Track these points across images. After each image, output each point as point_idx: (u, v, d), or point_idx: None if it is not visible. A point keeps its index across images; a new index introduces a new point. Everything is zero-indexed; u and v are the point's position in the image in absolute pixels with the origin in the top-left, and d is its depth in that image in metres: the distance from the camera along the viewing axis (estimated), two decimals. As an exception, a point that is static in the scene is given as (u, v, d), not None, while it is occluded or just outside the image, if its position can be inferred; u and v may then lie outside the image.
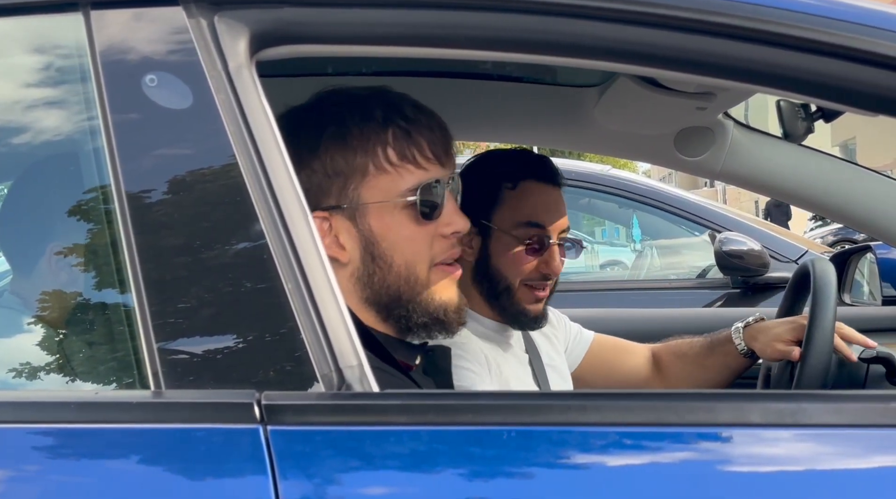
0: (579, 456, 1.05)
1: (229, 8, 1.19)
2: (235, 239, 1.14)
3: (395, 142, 1.43)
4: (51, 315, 1.32)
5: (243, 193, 1.13)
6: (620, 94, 2.16)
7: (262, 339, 1.12)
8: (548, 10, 1.18)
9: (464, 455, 1.05)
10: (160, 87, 1.16)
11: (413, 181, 1.42)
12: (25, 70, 1.25)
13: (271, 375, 1.11)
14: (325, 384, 1.09)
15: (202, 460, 1.05)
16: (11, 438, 1.09)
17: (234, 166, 1.14)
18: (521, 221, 2.00)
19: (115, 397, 1.14)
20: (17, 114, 1.28)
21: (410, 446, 1.06)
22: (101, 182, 1.16)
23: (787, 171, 2.29)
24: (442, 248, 1.45)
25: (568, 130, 2.50)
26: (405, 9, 1.20)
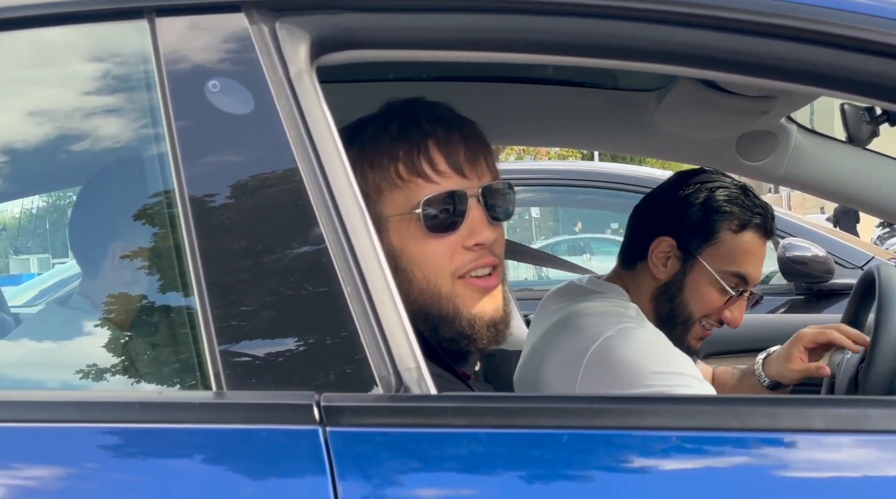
0: (638, 460, 1.05)
1: (290, 14, 1.20)
2: (295, 242, 1.15)
3: (405, 156, 1.43)
4: (116, 317, 1.35)
5: (303, 197, 1.14)
6: (681, 98, 2.14)
7: (322, 341, 1.13)
8: (611, 13, 1.17)
9: (522, 458, 1.05)
10: (222, 93, 1.18)
11: (423, 195, 1.42)
12: (92, 77, 1.28)
13: (330, 377, 1.12)
14: (383, 386, 1.10)
15: (262, 461, 1.06)
16: (78, 436, 1.11)
17: (294, 171, 1.15)
18: (733, 270, 1.96)
19: (178, 398, 1.16)
20: (84, 120, 1.31)
21: (468, 448, 1.07)
22: (165, 186, 1.18)
23: (851, 175, 2.26)
24: (464, 260, 1.42)
25: (627, 134, 2.49)
26: (466, 13, 1.21)
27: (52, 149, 1.38)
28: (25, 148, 1.38)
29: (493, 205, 1.45)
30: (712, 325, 2.00)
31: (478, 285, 1.43)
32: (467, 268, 1.43)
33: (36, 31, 1.25)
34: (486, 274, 1.44)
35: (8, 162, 1.45)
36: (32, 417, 1.13)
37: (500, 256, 1.47)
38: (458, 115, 1.50)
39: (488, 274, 1.44)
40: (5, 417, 1.13)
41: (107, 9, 1.22)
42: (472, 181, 1.44)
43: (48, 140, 1.36)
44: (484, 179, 1.46)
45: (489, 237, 1.42)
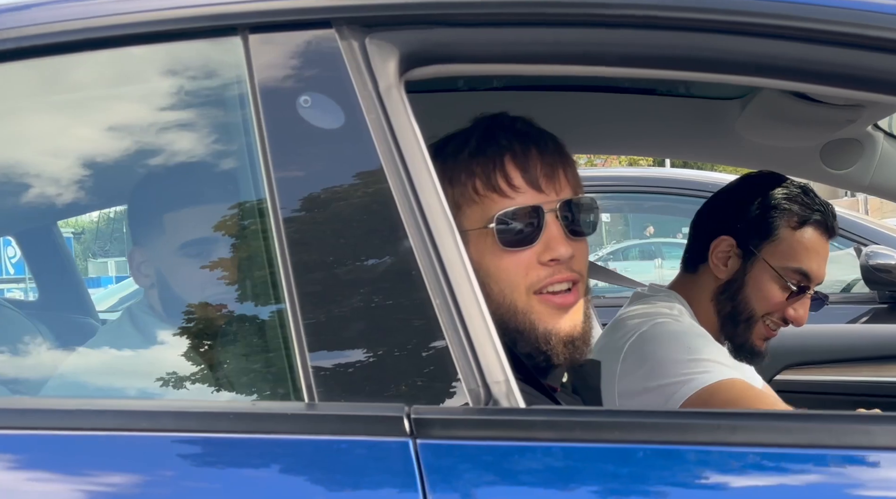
0: (730, 477, 1.04)
1: (380, 29, 1.22)
2: (385, 255, 1.16)
3: (481, 172, 1.44)
4: (208, 327, 1.37)
5: (392, 209, 1.16)
6: (764, 107, 2.11)
7: (411, 353, 1.14)
8: (704, 26, 1.17)
9: (610, 473, 1.05)
10: (313, 108, 1.19)
11: (497, 209, 1.42)
12: (187, 93, 1.31)
13: (419, 388, 1.13)
14: (472, 399, 1.10)
15: (352, 472, 1.07)
16: (172, 446, 1.14)
17: (383, 184, 1.16)
18: (794, 267, 1.98)
19: (270, 409, 1.18)
20: (179, 135, 1.33)
21: (557, 462, 1.07)
22: (258, 199, 1.21)
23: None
24: (540, 275, 1.42)
25: (707, 142, 2.47)
26: (555, 27, 1.21)
27: (147, 163, 1.42)
28: (122, 161, 1.42)
29: (572, 219, 1.45)
30: (776, 324, 2.00)
31: (554, 302, 1.43)
32: (542, 283, 1.42)
33: (132, 49, 1.28)
34: (563, 290, 1.43)
35: (105, 174, 1.48)
36: (125, 426, 1.15)
37: (579, 272, 1.45)
38: (538, 129, 1.50)
39: (566, 290, 1.43)
40: (99, 425, 1.15)
41: (202, 27, 1.24)
42: (549, 196, 1.44)
43: (143, 154, 1.40)
44: (562, 193, 1.45)
45: (565, 253, 1.41)
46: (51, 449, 1.13)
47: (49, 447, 1.14)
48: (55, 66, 1.31)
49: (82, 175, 1.47)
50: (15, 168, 1.52)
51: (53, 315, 2.50)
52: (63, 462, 1.13)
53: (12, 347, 1.77)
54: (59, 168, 1.46)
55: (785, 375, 3.07)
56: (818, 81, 1.22)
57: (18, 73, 1.32)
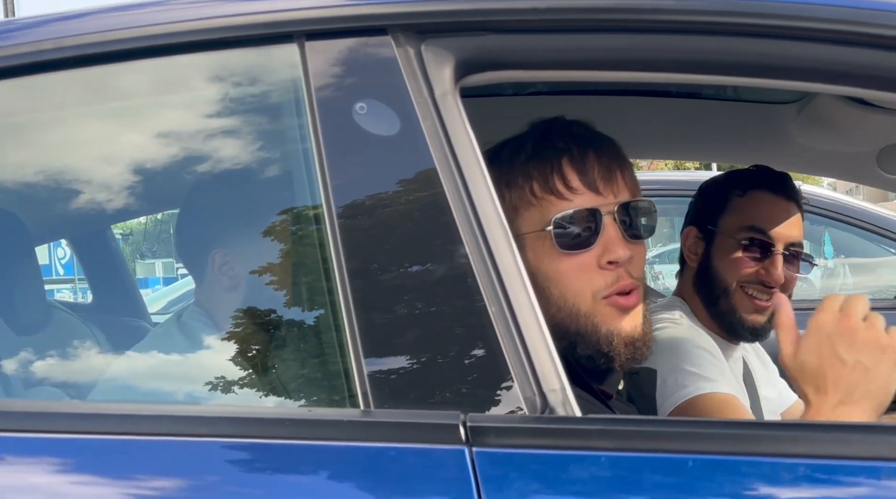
0: (796, 490, 1.02)
1: (435, 36, 1.22)
2: (440, 261, 1.16)
3: (539, 175, 1.44)
4: (262, 333, 1.38)
5: (448, 216, 1.16)
6: (822, 112, 2.09)
7: (466, 360, 1.14)
8: (760, 32, 1.16)
9: (665, 484, 1.04)
10: (369, 115, 1.20)
11: (555, 212, 1.42)
12: (245, 99, 1.32)
13: (475, 396, 1.12)
14: (528, 407, 1.10)
15: (408, 480, 1.07)
16: (229, 451, 1.14)
17: (439, 191, 1.16)
18: (744, 225, 2.03)
19: (326, 415, 1.18)
20: (236, 140, 1.34)
21: (614, 471, 1.06)
22: (314, 205, 1.21)
23: None
24: (606, 280, 1.41)
25: (762, 147, 2.44)
26: (612, 34, 1.20)
27: (206, 169, 1.43)
28: (181, 167, 1.43)
29: (630, 222, 1.44)
30: (759, 291, 2.01)
31: (618, 304, 1.42)
32: (608, 291, 1.41)
33: (189, 57, 1.29)
34: (626, 292, 1.43)
35: (164, 179, 1.50)
36: (182, 431, 1.16)
37: (637, 276, 1.45)
38: (595, 131, 1.49)
39: (627, 293, 1.43)
40: (155, 430, 1.16)
41: (259, 34, 1.25)
42: (606, 198, 1.43)
43: (202, 160, 1.41)
44: (620, 195, 1.44)
45: (623, 255, 1.41)
46: (112, 453, 1.14)
47: (110, 451, 1.15)
48: (112, 74, 1.32)
49: (141, 180, 1.49)
50: (71, 173, 1.54)
51: (107, 318, 2.53)
52: (121, 467, 1.13)
53: (65, 349, 1.80)
54: (117, 172, 1.48)
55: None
56: (884, 88, 1.20)
57: (83, 81, 1.33)
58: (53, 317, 2.03)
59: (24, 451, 1.16)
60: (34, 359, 1.78)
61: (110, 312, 2.61)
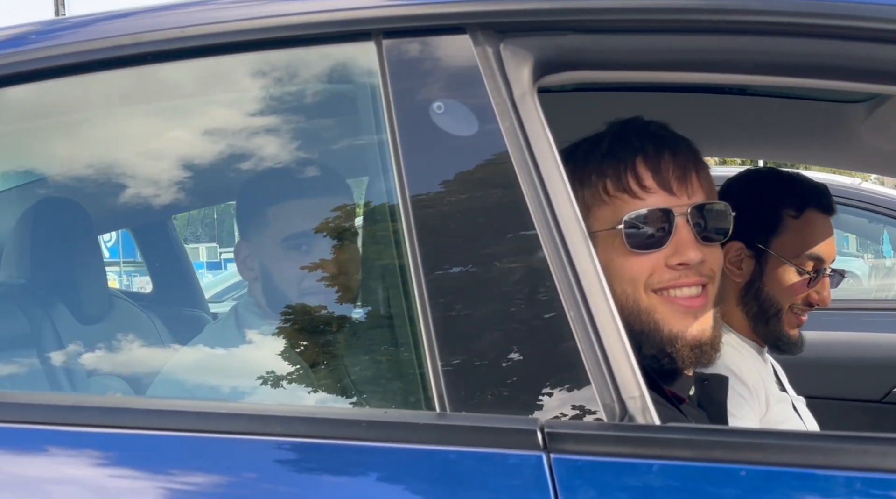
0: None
1: (514, 35, 1.20)
2: (518, 264, 1.15)
3: (613, 173, 1.42)
4: (337, 332, 1.38)
5: (526, 218, 1.14)
6: (892, 112, 2.05)
7: (544, 365, 1.13)
8: (842, 34, 1.13)
9: (749, 496, 1.02)
10: (447, 114, 1.19)
11: (627, 211, 1.40)
12: (322, 95, 1.31)
13: (552, 402, 1.11)
14: (606, 414, 1.09)
15: (484, 486, 1.06)
16: (302, 450, 1.14)
17: (517, 192, 1.15)
18: (804, 252, 1.99)
19: (401, 417, 1.17)
20: (315, 136, 1.34)
21: (694, 482, 1.04)
22: (390, 204, 1.20)
23: None
24: (663, 277, 1.39)
25: (830, 147, 2.41)
26: (689, 35, 1.18)
27: (283, 163, 1.43)
28: (258, 161, 1.43)
29: (703, 224, 1.42)
30: (803, 310, 2.02)
31: (678, 303, 1.40)
32: (664, 284, 1.39)
33: (267, 54, 1.29)
34: (692, 294, 1.41)
35: (234, 171, 1.50)
36: (255, 429, 1.16)
37: (709, 276, 1.42)
38: (671, 132, 1.47)
39: (696, 294, 1.41)
40: (231, 428, 1.16)
41: (336, 31, 1.24)
42: (680, 199, 1.41)
43: (279, 154, 1.41)
44: (695, 197, 1.42)
45: (694, 258, 1.38)
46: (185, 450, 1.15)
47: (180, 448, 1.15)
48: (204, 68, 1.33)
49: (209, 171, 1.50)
50: (135, 167, 1.55)
51: (167, 308, 2.55)
52: (195, 465, 1.14)
53: (126, 340, 1.81)
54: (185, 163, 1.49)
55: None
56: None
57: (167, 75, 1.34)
58: (115, 307, 2.05)
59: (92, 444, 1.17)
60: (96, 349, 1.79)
61: (170, 303, 2.63)
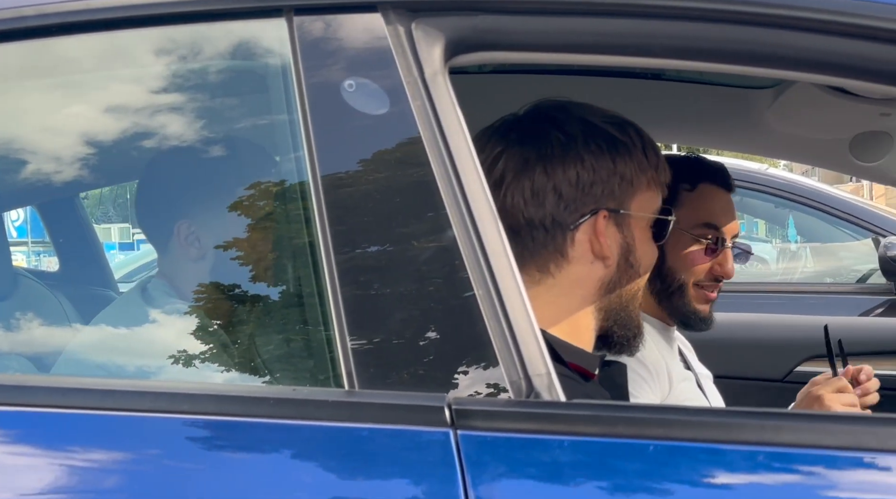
0: (774, 476, 1.04)
1: (426, 15, 1.20)
2: (427, 242, 1.15)
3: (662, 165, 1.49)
4: (247, 309, 1.37)
5: (436, 198, 1.15)
6: (798, 98, 2.10)
7: (452, 343, 1.14)
8: (751, 20, 1.15)
9: (646, 470, 1.05)
10: (358, 93, 1.18)
11: (659, 202, 1.49)
12: (230, 72, 1.30)
13: (460, 379, 1.12)
14: (513, 391, 1.10)
15: (392, 461, 1.07)
16: (209, 429, 1.14)
17: (427, 172, 1.15)
18: (700, 222, 2.03)
19: (310, 395, 1.17)
20: (222, 114, 1.33)
21: (599, 456, 1.06)
22: (300, 183, 1.20)
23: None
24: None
25: (737, 131, 2.46)
26: (603, 17, 1.19)
27: (189, 141, 1.41)
28: (164, 140, 1.41)
29: None
30: (709, 286, 2.05)
31: None
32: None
33: (174, 28, 1.27)
34: None
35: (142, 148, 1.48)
36: (162, 407, 1.15)
37: None
38: None
39: None
40: (133, 406, 1.14)
41: (247, 7, 1.23)
42: None
43: (184, 132, 1.39)
44: None
45: None
46: (89, 429, 1.13)
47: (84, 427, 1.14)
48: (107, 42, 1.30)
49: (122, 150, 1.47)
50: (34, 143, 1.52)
51: (74, 287, 2.50)
52: (98, 443, 1.13)
53: (31, 318, 1.77)
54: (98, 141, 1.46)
55: (806, 366, 3.07)
56: (865, 77, 1.20)
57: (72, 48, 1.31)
58: (20, 285, 2.00)
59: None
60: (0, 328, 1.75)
61: (78, 281, 2.58)
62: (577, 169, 1.41)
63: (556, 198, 1.40)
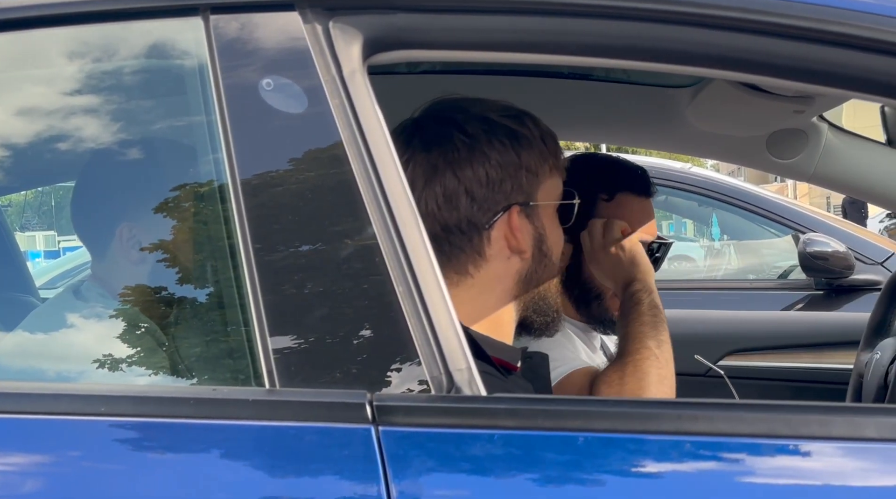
0: (689, 464, 1.06)
1: (344, 13, 1.20)
2: (348, 241, 1.16)
3: (559, 150, 1.52)
4: (165, 310, 1.35)
5: (356, 195, 1.15)
6: (715, 96, 2.14)
7: (373, 340, 1.14)
8: (662, 17, 1.17)
9: (567, 462, 1.06)
10: (276, 91, 1.18)
11: (561, 186, 1.51)
12: (146, 72, 1.29)
13: (382, 376, 1.12)
14: (434, 387, 1.11)
15: (314, 458, 1.07)
16: (131, 431, 1.13)
17: (346, 169, 1.16)
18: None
19: (230, 394, 1.17)
20: (137, 114, 1.31)
21: (519, 449, 1.07)
22: (219, 182, 1.19)
23: (882, 174, 2.26)
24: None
25: (657, 130, 2.49)
26: (518, 15, 1.21)
27: (107, 142, 1.39)
28: (82, 140, 1.39)
29: None
30: None
31: None
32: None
33: (91, 27, 1.26)
34: None
35: (60, 151, 1.45)
36: (81, 410, 1.13)
37: None
38: None
39: None
40: (54, 409, 1.13)
41: (162, 6, 1.22)
42: None
43: (102, 133, 1.37)
44: None
45: None
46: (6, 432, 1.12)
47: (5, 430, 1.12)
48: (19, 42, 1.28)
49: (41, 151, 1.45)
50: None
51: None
52: (12, 447, 1.11)
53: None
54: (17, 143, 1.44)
55: (727, 360, 3.12)
56: (775, 74, 1.23)
57: None
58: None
59: None
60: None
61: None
62: (486, 168, 1.42)
63: (468, 200, 1.41)
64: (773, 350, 3.16)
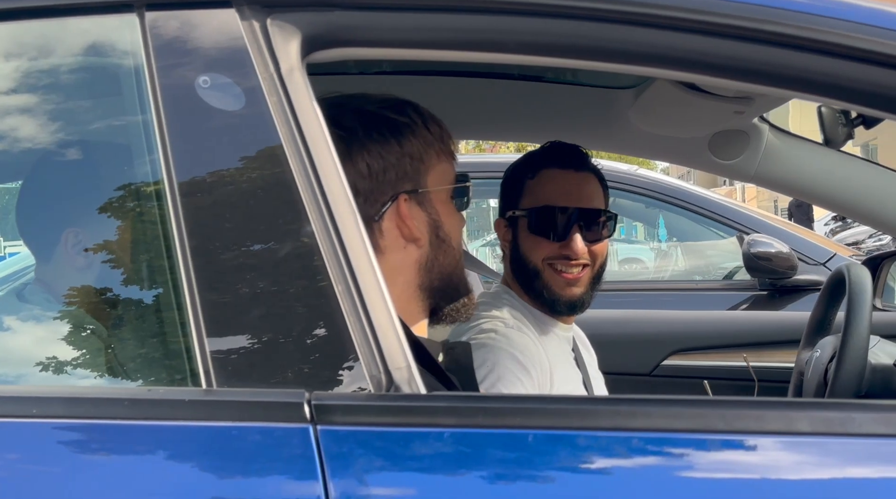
0: (626, 460, 1.06)
1: (281, 11, 1.20)
2: (286, 239, 1.15)
3: (446, 135, 1.51)
4: (101, 311, 1.33)
5: (294, 193, 1.14)
6: (657, 97, 2.16)
7: (312, 339, 1.13)
8: (601, 16, 1.18)
9: (512, 458, 1.06)
10: (213, 89, 1.17)
11: (453, 171, 1.51)
12: (81, 70, 1.27)
13: (320, 375, 1.12)
14: (373, 385, 1.10)
15: (251, 459, 1.06)
16: (64, 432, 1.11)
17: (285, 167, 1.15)
18: (540, 206, 2.07)
19: (166, 394, 1.15)
20: (72, 113, 1.29)
21: (458, 447, 1.07)
22: (155, 181, 1.18)
23: (822, 175, 2.29)
24: None
25: (601, 131, 2.51)
26: (457, 14, 1.21)
27: (42, 144, 1.36)
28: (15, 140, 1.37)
29: None
30: (564, 264, 2.06)
31: None
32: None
33: (24, 24, 1.24)
34: None
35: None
36: (12, 412, 1.12)
37: None
38: None
39: None
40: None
41: (96, 2, 1.21)
42: None
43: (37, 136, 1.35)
44: None
45: None
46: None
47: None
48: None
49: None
50: None
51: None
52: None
53: None
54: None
55: (672, 360, 3.15)
56: (714, 74, 1.24)
57: None
58: None
59: None
60: None
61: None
62: (366, 160, 1.42)
63: (354, 194, 1.41)
64: (717, 349, 3.19)
